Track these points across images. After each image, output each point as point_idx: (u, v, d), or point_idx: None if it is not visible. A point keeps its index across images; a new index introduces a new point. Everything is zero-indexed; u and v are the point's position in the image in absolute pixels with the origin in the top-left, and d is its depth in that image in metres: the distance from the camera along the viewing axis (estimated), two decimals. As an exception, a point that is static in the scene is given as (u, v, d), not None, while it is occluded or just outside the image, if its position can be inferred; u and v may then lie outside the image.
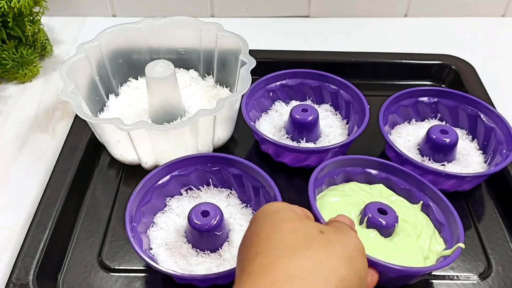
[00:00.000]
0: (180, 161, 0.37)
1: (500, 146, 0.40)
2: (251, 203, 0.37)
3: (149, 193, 0.36)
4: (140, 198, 0.35)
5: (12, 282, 0.33)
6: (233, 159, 0.37)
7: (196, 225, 0.32)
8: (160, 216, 0.37)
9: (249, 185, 0.36)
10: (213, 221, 0.32)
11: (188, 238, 0.34)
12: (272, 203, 0.26)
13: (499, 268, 0.35)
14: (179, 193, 0.38)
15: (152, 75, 0.40)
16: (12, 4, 0.47)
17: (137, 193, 0.34)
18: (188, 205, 0.36)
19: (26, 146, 0.45)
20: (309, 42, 0.58)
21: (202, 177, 0.38)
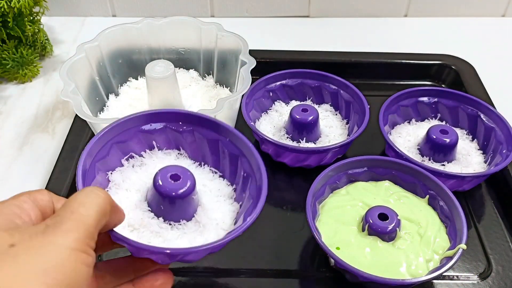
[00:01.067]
0: (138, 117, 0.30)
1: (500, 146, 0.40)
2: (225, 171, 0.32)
3: (106, 147, 0.29)
4: (96, 150, 0.28)
5: (12, 282, 0.33)
6: (206, 118, 0.31)
7: (169, 192, 0.26)
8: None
9: (225, 151, 0.31)
10: (188, 183, 0.27)
11: (157, 211, 0.28)
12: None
13: (499, 268, 0.35)
14: (120, 164, 0.31)
15: (152, 75, 0.40)
16: (12, 4, 0.47)
17: (91, 146, 0.27)
18: (135, 176, 0.30)
19: (26, 146, 0.45)
20: (309, 42, 0.58)
21: (143, 141, 0.31)
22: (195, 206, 0.29)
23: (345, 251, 0.33)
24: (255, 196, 0.28)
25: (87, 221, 0.19)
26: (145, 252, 0.25)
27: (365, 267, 0.32)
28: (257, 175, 0.29)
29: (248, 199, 0.29)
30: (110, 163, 0.30)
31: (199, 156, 0.32)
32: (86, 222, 0.19)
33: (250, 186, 0.29)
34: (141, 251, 0.25)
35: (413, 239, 0.34)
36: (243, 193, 0.30)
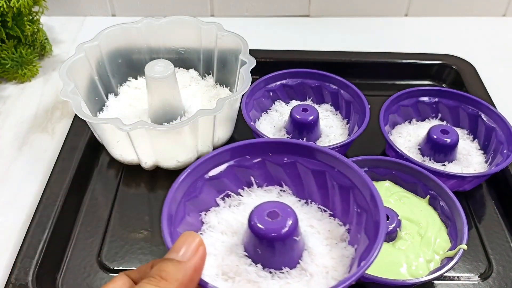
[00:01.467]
0: (236, 148, 0.26)
1: (500, 146, 0.40)
2: (336, 209, 0.27)
3: (198, 184, 0.25)
4: (185, 188, 0.25)
5: (11, 283, 0.33)
6: (310, 147, 0.26)
7: (267, 233, 0.22)
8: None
9: (334, 183, 0.26)
10: (289, 222, 0.22)
11: (254, 256, 0.24)
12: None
13: (500, 269, 0.35)
14: (215, 204, 0.27)
15: (151, 75, 0.40)
16: (12, 4, 0.47)
17: (182, 180, 0.24)
18: (232, 217, 0.26)
19: (25, 146, 0.45)
20: (309, 42, 0.58)
21: (240, 177, 0.27)
22: (299, 251, 0.24)
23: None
24: (372, 234, 0.23)
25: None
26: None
27: None
28: (373, 209, 0.24)
29: (364, 240, 0.24)
30: (203, 202, 0.26)
31: (304, 192, 0.27)
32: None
33: (366, 224, 0.24)
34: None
35: (413, 239, 0.34)
36: (358, 234, 0.25)
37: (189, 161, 0.42)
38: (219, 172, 0.26)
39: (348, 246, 0.25)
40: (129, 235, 0.37)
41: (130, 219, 0.39)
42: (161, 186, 0.41)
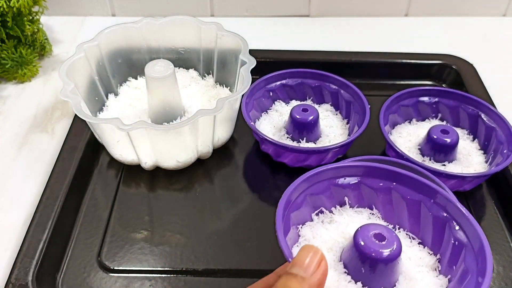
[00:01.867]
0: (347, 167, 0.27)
1: (501, 146, 0.40)
2: (425, 238, 0.27)
3: (300, 198, 0.26)
4: (293, 199, 0.26)
5: (11, 283, 0.33)
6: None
7: (375, 254, 0.23)
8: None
9: (429, 214, 0.27)
10: (395, 245, 0.23)
11: (355, 274, 0.24)
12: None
13: (500, 269, 0.35)
14: (310, 218, 0.28)
15: (151, 75, 0.40)
16: (12, 4, 0.47)
17: (290, 192, 0.25)
18: (326, 234, 0.27)
19: (25, 146, 0.45)
20: (309, 42, 0.58)
21: (335, 195, 0.28)
22: (397, 274, 0.25)
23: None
24: (475, 269, 0.23)
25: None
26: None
27: None
28: (474, 244, 0.24)
29: (464, 273, 0.24)
30: (301, 215, 0.27)
31: (394, 218, 0.28)
32: None
33: (466, 257, 0.24)
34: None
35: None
36: (453, 265, 0.25)
37: (189, 161, 0.42)
38: (319, 189, 0.27)
39: (440, 276, 0.26)
40: (129, 235, 0.37)
41: (130, 219, 0.39)
42: (161, 186, 0.41)
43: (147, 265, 0.35)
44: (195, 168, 0.43)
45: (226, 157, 0.44)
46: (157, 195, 0.41)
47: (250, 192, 0.41)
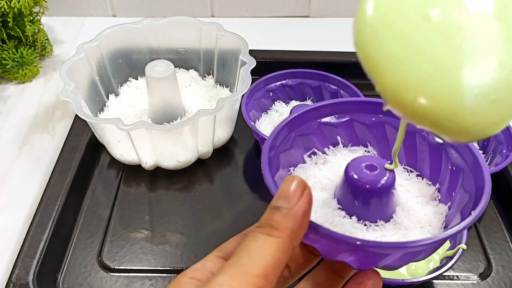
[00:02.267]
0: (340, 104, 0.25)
1: (500, 146, 0.40)
2: (423, 170, 0.26)
3: (288, 139, 0.25)
4: (278, 142, 0.24)
5: (12, 282, 0.33)
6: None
7: (366, 184, 0.22)
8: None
9: (425, 143, 0.25)
10: (387, 174, 0.22)
11: (348, 208, 0.23)
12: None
13: (499, 268, 0.35)
14: (302, 160, 0.26)
15: (152, 75, 0.40)
16: (12, 4, 0.47)
17: (280, 129, 0.23)
18: (320, 174, 0.26)
19: (26, 146, 0.45)
20: (309, 42, 0.58)
21: (327, 135, 0.26)
22: (393, 205, 0.24)
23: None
24: (473, 190, 0.22)
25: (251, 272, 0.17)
26: (344, 249, 0.20)
27: None
28: (472, 167, 0.23)
29: (462, 197, 0.23)
30: (292, 157, 0.26)
31: (390, 153, 0.26)
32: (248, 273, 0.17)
33: (464, 182, 0.23)
34: (339, 247, 0.20)
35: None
36: (452, 191, 0.24)
37: (189, 161, 0.42)
38: (309, 129, 0.25)
39: (440, 204, 0.25)
40: (130, 235, 0.37)
41: (131, 218, 0.39)
42: (161, 186, 0.41)
43: (148, 264, 0.35)
44: (195, 168, 0.43)
45: (226, 157, 0.44)
46: (157, 195, 0.41)
47: (250, 192, 0.41)
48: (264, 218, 0.19)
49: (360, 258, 0.20)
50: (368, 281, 0.21)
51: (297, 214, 0.18)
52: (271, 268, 0.17)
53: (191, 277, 0.19)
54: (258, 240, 0.18)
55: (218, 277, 0.17)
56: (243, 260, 0.17)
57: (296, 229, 0.18)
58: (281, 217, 0.18)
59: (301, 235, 0.19)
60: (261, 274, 0.17)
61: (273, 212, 0.18)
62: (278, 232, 0.18)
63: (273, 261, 0.17)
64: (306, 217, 0.19)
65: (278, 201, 0.19)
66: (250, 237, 0.18)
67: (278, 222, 0.18)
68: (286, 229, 0.18)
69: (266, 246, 0.17)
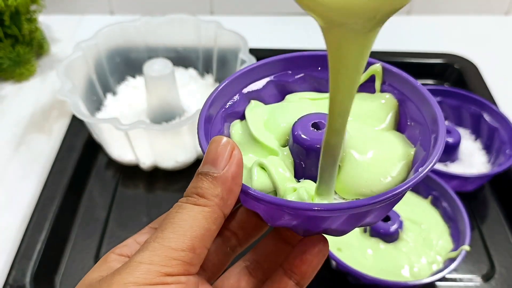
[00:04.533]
0: (282, 60, 0.23)
1: (503, 146, 0.40)
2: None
3: (235, 98, 0.23)
4: (222, 101, 0.22)
5: (9, 284, 0.32)
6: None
7: (312, 143, 0.20)
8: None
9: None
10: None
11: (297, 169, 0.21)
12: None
13: (503, 270, 0.35)
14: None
15: (150, 74, 0.39)
16: (9, 3, 0.47)
17: (219, 91, 0.22)
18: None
19: (22, 146, 0.44)
20: (310, 40, 0.57)
21: (280, 93, 0.24)
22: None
23: (347, 253, 0.32)
24: (429, 146, 0.21)
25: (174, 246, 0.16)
26: (281, 213, 0.18)
27: (367, 269, 0.31)
28: (430, 122, 0.21)
29: (419, 151, 0.21)
30: (239, 118, 0.23)
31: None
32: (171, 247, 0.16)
33: (422, 136, 0.22)
34: (276, 212, 0.18)
35: (415, 240, 0.33)
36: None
37: (188, 161, 0.41)
38: (258, 87, 0.23)
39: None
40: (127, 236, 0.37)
41: (128, 220, 0.38)
42: (159, 187, 0.41)
43: (146, 266, 0.35)
44: (194, 168, 0.42)
45: (226, 157, 0.44)
46: (155, 196, 0.40)
47: (250, 193, 0.40)
48: (190, 186, 0.17)
49: (301, 223, 0.18)
50: (313, 249, 0.19)
51: (225, 179, 0.16)
52: (198, 240, 0.16)
53: (119, 254, 0.18)
54: (184, 210, 0.16)
55: (139, 254, 0.15)
56: (166, 234, 0.16)
57: (225, 195, 0.16)
58: (208, 183, 0.16)
59: (232, 202, 0.17)
60: (188, 247, 0.15)
61: (200, 178, 0.17)
62: (205, 201, 0.16)
63: (201, 232, 0.16)
64: (236, 181, 0.17)
65: (204, 166, 0.17)
66: (175, 208, 0.17)
67: (204, 189, 0.16)
68: (214, 196, 0.16)
69: (192, 217, 0.16)
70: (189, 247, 0.15)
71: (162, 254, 0.15)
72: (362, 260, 0.32)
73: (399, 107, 0.23)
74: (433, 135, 0.21)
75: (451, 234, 0.34)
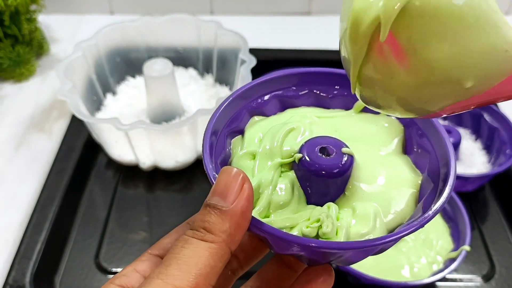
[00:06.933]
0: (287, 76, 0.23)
1: (503, 146, 0.40)
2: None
3: (241, 114, 0.22)
4: (228, 118, 0.22)
5: (9, 284, 0.32)
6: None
7: (322, 169, 0.19)
8: None
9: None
10: (345, 159, 0.19)
11: (303, 188, 0.21)
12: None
13: (503, 270, 0.35)
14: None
15: (150, 74, 0.39)
16: (9, 2, 0.47)
17: (223, 108, 0.21)
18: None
19: (22, 146, 0.44)
20: (310, 40, 0.57)
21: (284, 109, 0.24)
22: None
23: (347, 253, 0.32)
24: (437, 178, 0.20)
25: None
26: (291, 246, 0.18)
27: (366, 269, 0.31)
28: (438, 150, 0.20)
29: (427, 182, 0.21)
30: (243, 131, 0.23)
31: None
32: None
33: (430, 167, 0.21)
34: (286, 245, 0.18)
35: (415, 241, 0.33)
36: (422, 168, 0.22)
37: (188, 161, 0.41)
38: (261, 103, 0.23)
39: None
40: (127, 236, 0.37)
41: (128, 220, 0.38)
42: (159, 187, 0.41)
43: (146, 266, 0.35)
44: (194, 168, 0.42)
45: (226, 157, 0.44)
46: (155, 196, 0.40)
47: (250, 193, 0.40)
48: (197, 219, 0.16)
49: (309, 255, 0.18)
50: (317, 278, 0.18)
51: (234, 214, 0.16)
52: (203, 278, 0.15)
53: (119, 285, 0.18)
54: (190, 245, 0.16)
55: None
56: (171, 270, 0.15)
57: (233, 231, 0.16)
58: (216, 218, 0.16)
59: (240, 237, 0.16)
60: (192, 286, 0.15)
61: (207, 211, 0.16)
62: (213, 237, 0.16)
63: (206, 270, 0.15)
64: (244, 216, 0.16)
65: (213, 197, 0.16)
66: (181, 242, 0.16)
67: (212, 224, 0.16)
68: (222, 232, 0.16)
69: (198, 254, 0.15)
70: (194, 285, 0.15)
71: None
72: (362, 261, 0.32)
73: (405, 131, 0.22)
74: (443, 170, 0.20)
75: (451, 234, 0.34)
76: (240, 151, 0.21)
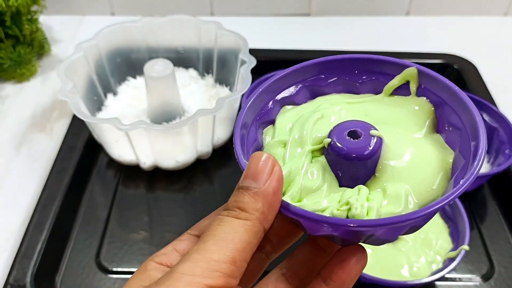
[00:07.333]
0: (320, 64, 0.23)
1: (502, 146, 0.40)
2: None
3: (271, 105, 0.23)
4: (257, 110, 0.22)
5: (9, 284, 0.33)
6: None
7: (350, 152, 0.19)
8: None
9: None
10: (373, 141, 0.20)
11: (334, 172, 0.21)
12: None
13: (502, 269, 0.35)
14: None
15: (150, 74, 0.39)
16: (10, 3, 0.47)
17: (253, 100, 0.21)
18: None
19: (23, 146, 0.44)
20: (310, 41, 0.57)
21: (313, 98, 0.24)
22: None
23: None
24: (468, 153, 0.20)
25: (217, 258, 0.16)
26: (327, 227, 0.18)
27: (366, 268, 0.31)
28: (468, 126, 0.21)
29: (458, 158, 0.21)
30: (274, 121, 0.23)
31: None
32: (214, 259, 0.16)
33: (461, 144, 0.21)
34: (317, 225, 0.18)
35: (414, 240, 0.33)
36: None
37: (189, 161, 0.42)
38: (291, 93, 0.23)
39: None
40: (128, 236, 0.37)
41: (129, 219, 0.38)
42: (160, 186, 0.41)
43: (146, 266, 0.35)
44: (194, 168, 0.42)
45: (226, 157, 0.44)
46: (156, 196, 0.40)
47: (250, 193, 0.40)
48: (231, 200, 0.17)
49: (342, 234, 0.19)
50: (352, 257, 0.19)
51: (266, 194, 0.17)
52: (239, 253, 0.16)
53: (159, 262, 0.18)
54: (225, 223, 0.17)
55: (182, 265, 0.16)
56: (209, 246, 0.16)
57: (266, 210, 0.17)
58: (249, 197, 0.17)
59: (272, 217, 0.17)
60: (229, 259, 0.16)
61: (241, 193, 0.17)
62: (247, 215, 0.17)
63: (242, 245, 0.16)
64: (276, 197, 0.17)
65: (245, 180, 0.17)
66: (217, 220, 0.17)
67: (246, 203, 0.17)
68: (255, 210, 0.17)
69: (234, 230, 0.16)
70: (231, 259, 0.16)
71: (204, 265, 0.15)
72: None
73: (436, 111, 0.22)
74: (473, 142, 0.20)
75: (450, 233, 0.34)
76: (271, 140, 0.21)
